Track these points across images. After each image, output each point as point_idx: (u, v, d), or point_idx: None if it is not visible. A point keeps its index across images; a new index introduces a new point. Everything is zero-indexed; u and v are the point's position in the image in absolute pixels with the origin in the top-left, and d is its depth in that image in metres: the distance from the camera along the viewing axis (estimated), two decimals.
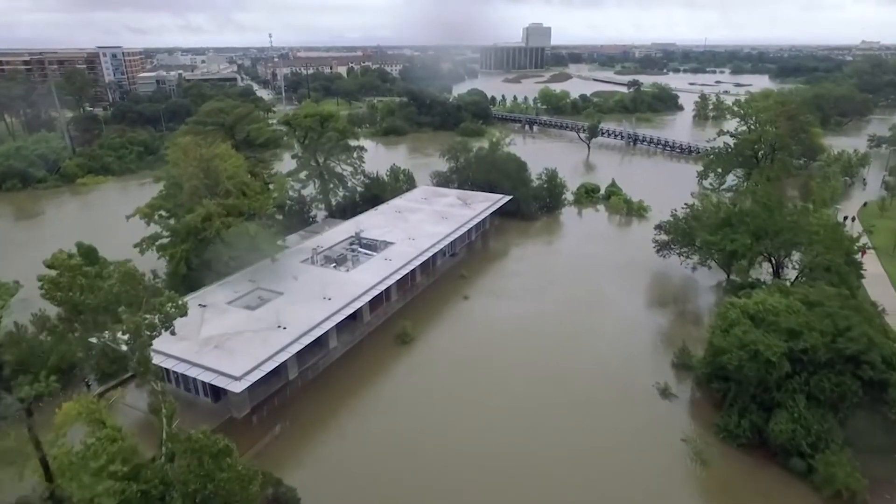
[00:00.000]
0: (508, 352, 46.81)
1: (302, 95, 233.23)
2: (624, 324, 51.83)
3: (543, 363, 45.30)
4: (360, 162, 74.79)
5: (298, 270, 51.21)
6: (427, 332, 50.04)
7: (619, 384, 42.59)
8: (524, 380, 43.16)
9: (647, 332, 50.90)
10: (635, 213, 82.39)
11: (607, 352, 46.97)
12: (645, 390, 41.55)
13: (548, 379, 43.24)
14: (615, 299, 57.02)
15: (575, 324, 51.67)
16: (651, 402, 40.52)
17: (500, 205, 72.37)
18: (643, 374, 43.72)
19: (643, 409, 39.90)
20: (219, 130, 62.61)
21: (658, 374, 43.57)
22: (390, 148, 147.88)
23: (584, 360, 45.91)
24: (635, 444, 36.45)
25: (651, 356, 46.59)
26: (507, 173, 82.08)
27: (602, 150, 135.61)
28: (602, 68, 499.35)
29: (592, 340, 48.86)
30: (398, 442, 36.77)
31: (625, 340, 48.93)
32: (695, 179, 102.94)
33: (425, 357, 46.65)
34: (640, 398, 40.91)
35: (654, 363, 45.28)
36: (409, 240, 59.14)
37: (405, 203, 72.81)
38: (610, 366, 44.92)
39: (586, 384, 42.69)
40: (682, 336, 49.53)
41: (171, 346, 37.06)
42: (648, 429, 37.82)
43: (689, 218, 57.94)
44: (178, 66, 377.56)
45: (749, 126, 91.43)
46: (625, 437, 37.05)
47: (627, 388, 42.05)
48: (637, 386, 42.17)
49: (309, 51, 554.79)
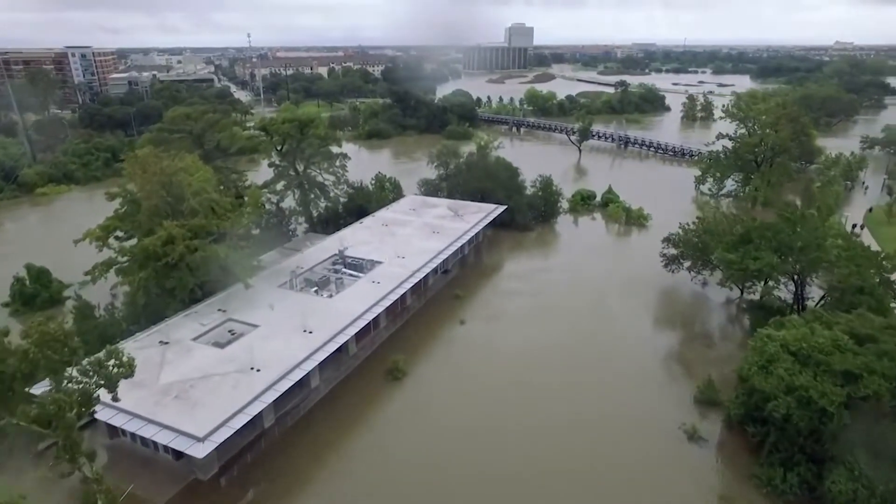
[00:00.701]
0: (512, 389, 41.75)
1: (281, 97, 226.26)
2: (636, 351, 47.19)
3: (553, 403, 40.37)
4: (343, 171, 69.25)
5: (275, 297, 45.66)
6: (420, 366, 44.82)
7: (639, 426, 37.86)
8: (531, 424, 38.17)
9: (662, 359, 46.36)
10: (635, 221, 78.08)
11: (622, 386, 42.23)
12: (669, 433, 36.85)
13: (559, 422, 38.30)
14: (623, 321, 52.43)
15: (582, 353, 46.87)
16: (678, 447, 35.82)
17: (494, 216, 67.44)
18: (664, 412, 39.09)
19: (671, 456, 35.17)
20: (186, 139, 56.64)
21: (681, 411, 38.98)
22: (374, 152, 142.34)
23: (597, 396, 41.09)
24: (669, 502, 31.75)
25: (670, 389, 41.99)
26: (500, 181, 77.29)
27: (593, 153, 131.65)
28: (585, 68, 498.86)
29: (604, 372, 44.09)
30: (394, 500, 31.62)
31: (639, 371, 44.29)
32: (692, 184, 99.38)
33: (420, 396, 41.40)
34: (665, 443, 36.19)
35: (675, 399, 40.67)
36: (398, 258, 53.90)
37: (392, 215, 67.51)
38: (627, 403, 40.19)
39: (603, 427, 37.87)
40: (698, 362, 45.37)
41: (124, 396, 31.39)
42: (680, 481, 33.09)
43: (701, 232, 53.54)
44: (153, 66, 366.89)
45: (749, 129, 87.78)
46: (655, 494, 32.28)
47: (649, 431, 37.32)
48: (660, 428, 37.47)
49: (289, 51, 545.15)
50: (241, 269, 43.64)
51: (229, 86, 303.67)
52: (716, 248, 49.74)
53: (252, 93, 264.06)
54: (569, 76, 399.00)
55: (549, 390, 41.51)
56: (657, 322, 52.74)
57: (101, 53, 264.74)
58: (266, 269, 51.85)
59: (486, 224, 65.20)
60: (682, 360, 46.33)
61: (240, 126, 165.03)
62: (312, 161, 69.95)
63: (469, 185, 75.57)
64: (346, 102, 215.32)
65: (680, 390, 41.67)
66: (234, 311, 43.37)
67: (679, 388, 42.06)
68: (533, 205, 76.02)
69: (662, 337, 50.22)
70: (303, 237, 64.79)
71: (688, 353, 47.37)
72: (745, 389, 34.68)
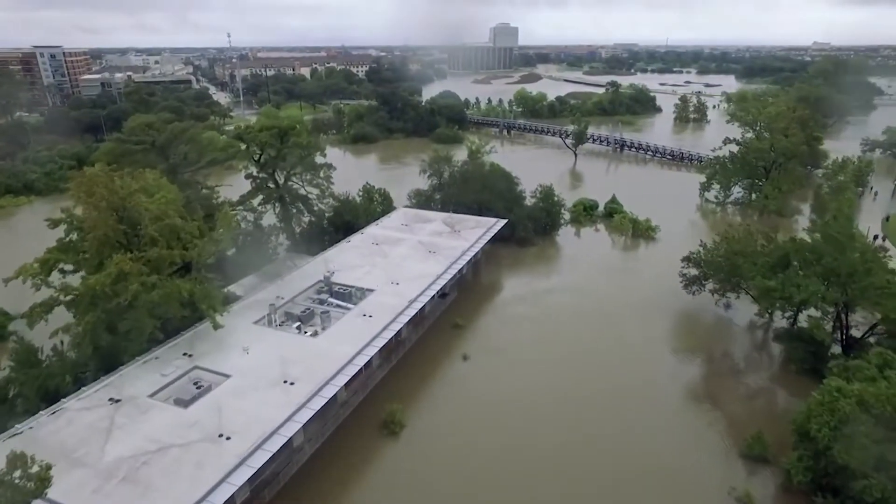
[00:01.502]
0: (522, 445, 35.91)
1: (262, 99, 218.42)
2: (662, 391, 41.73)
3: (571, 463, 34.66)
4: (328, 183, 62.96)
5: (251, 336, 39.38)
6: (420, 414, 38.82)
7: (679, 490, 32.29)
8: (552, 485, 32.46)
9: (693, 400, 40.95)
10: (643, 234, 72.82)
11: (650, 438, 36.63)
12: (716, 498, 31.40)
13: (579, 489, 32.62)
14: (643, 353, 46.93)
15: (601, 395, 41.20)
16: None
17: (494, 231, 61.63)
18: (706, 470, 33.65)
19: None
20: (148, 151, 49.94)
21: (725, 468, 33.60)
22: (360, 157, 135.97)
23: (623, 452, 35.41)
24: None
25: (708, 440, 36.53)
26: (498, 191, 71.64)
27: (588, 157, 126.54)
28: (570, 68, 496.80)
29: (628, 420, 38.45)
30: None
31: (669, 416, 38.82)
32: (694, 190, 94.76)
33: (419, 455, 35.40)
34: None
35: (716, 452, 35.24)
36: (391, 284, 47.86)
37: (383, 232, 61.36)
38: (659, 460, 34.58)
39: (634, 491, 32.25)
40: (735, 402, 40.20)
41: (59, 478, 24.97)
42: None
43: (729, 252, 48.26)
44: (129, 67, 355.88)
45: (757, 133, 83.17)
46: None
47: (692, 497, 31.82)
48: (703, 491, 32.00)
49: (271, 51, 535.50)
50: (209, 307, 37.26)
51: (208, 87, 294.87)
52: (747, 270, 44.49)
53: (232, 94, 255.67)
54: (555, 77, 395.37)
55: (566, 447, 35.72)
56: (681, 353, 47.29)
57: (72, 53, 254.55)
58: (241, 299, 45.50)
59: (486, 241, 59.29)
60: (715, 399, 40.89)
61: (216, 130, 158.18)
62: (294, 172, 63.60)
63: (465, 197, 69.65)
64: (330, 104, 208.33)
65: (720, 441, 36.25)
66: (201, 357, 36.99)
67: (718, 437, 36.63)
68: (534, 217, 70.37)
69: (689, 372, 44.80)
70: (284, 258, 58.35)
71: (721, 391, 42.00)
72: (809, 451, 29.33)
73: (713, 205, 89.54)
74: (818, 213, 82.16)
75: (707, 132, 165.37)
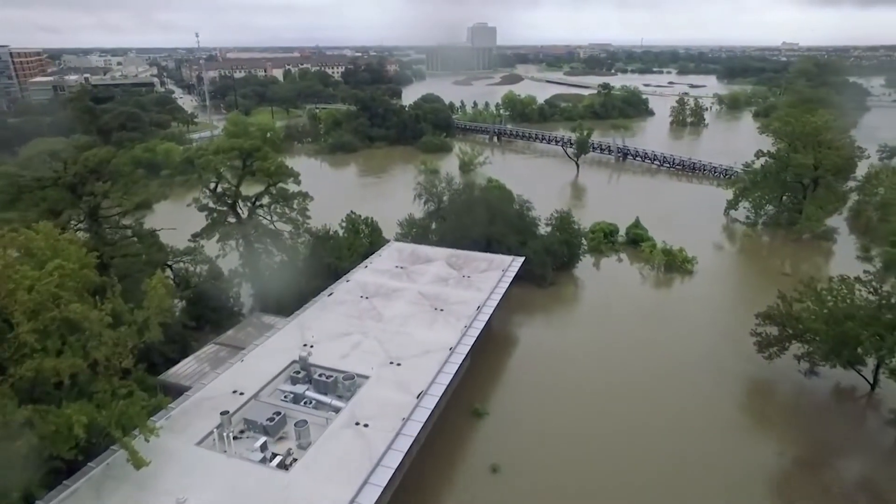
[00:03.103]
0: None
1: (231, 103, 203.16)
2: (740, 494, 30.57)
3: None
4: (303, 216, 50.52)
5: (191, 473, 26.85)
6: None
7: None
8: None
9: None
10: (678, 267, 61.89)
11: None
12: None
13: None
14: (720, 451, 35.41)
15: None
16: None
17: (511, 276, 49.82)
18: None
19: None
20: (53, 192, 36.61)
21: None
22: (339, 168, 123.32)
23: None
24: None
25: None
26: (507, 218, 60.08)
27: (589, 168, 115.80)
28: (550, 69, 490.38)
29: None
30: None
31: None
32: (714, 205, 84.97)
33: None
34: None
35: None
36: (390, 365, 35.73)
37: (373, 278, 48.99)
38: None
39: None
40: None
41: None
42: None
43: (834, 313, 37.26)
44: (88, 68, 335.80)
45: (795, 146, 72.93)
46: None
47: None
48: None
49: (242, 51, 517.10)
50: (125, 435, 24.71)
51: (173, 91, 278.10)
52: (872, 343, 33.57)
53: (199, 98, 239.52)
54: (537, 77, 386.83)
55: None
56: (759, 443, 36.12)
57: (22, 53, 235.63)
58: (186, 395, 32.84)
59: (504, 290, 47.39)
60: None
61: (180, 138, 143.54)
62: (260, 204, 51.01)
63: (467, 226, 57.61)
64: (305, 108, 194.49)
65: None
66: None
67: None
68: (552, 250, 58.86)
69: (773, 466, 33.79)
70: (248, 320, 45.57)
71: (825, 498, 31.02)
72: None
73: (740, 224, 79.35)
74: (864, 235, 72.66)
75: (708, 137, 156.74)
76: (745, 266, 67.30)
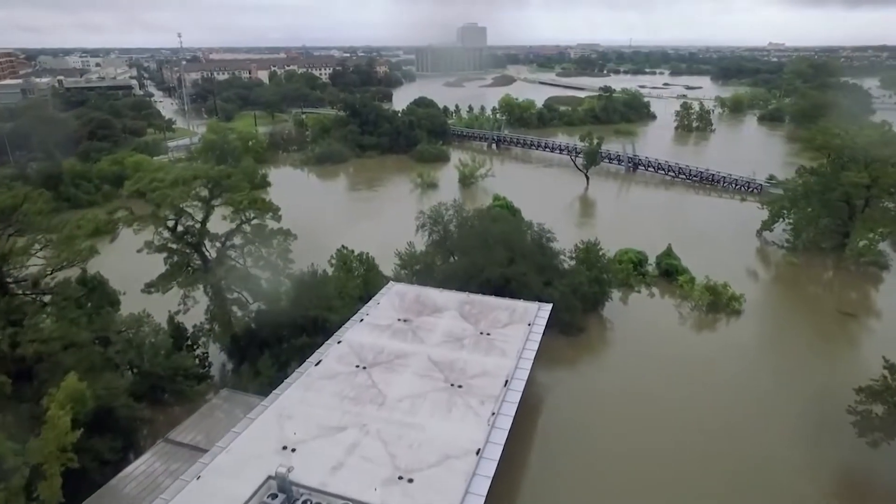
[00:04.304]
0: None
1: (212, 108, 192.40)
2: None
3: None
4: (284, 261, 41.29)
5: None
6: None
7: None
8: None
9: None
10: (723, 306, 53.34)
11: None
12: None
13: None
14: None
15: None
16: None
17: (541, 332, 40.92)
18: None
19: None
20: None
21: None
22: (326, 180, 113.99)
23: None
24: None
25: None
26: (526, 252, 51.16)
27: (598, 178, 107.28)
28: (541, 70, 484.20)
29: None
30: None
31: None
32: (741, 223, 77.16)
33: None
34: None
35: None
36: (399, 481, 26.70)
37: (372, 338, 39.74)
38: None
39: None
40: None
41: None
42: None
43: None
44: (64, 70, 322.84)
45: (843, 162, 64.83)
46: None
47: None
48: None
49: (227, 52, 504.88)
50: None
51: (153, 94, 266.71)
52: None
53: (181, 101, 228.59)
54: (529, 79, 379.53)
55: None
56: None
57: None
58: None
59: (535, 350, 38.46)
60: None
61: (159, 147, 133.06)
62: (231, 245, 41.69)
63: (489, 271, 48.14)
64: (290, 113, 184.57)
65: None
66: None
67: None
68: (580, 291, 50.05)
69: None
70: (214, 402, 36.09)
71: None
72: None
73: (776, 247, 71.23)
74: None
75: (717, 144, 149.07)
76: (796, 302, 58.97)
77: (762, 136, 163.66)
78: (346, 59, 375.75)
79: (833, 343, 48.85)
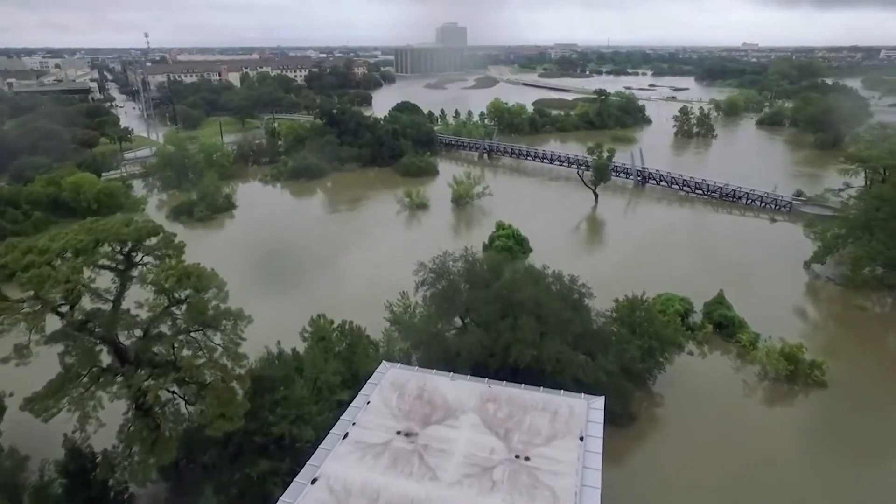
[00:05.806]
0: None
1: (178, 114, 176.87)
2: None
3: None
4: (234, 361, 28.94)
5: None
6: None
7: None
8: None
9: None
10: (802, 376, 42.39)
11: None
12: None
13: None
14: None
15: None
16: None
17: (599, 445, 29.30)
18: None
19: None
20: None
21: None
22: (300, 198, 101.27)
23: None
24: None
25: None
26: (560, 321, 39.10)
27: (604, 194, 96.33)
28: (523, 70, 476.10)
29: None
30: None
31: None
32: (784, 252, 67.21)
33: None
34: None
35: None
36: None
37: (360, 472, 27.56)
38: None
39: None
40: None
41: None
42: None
43: None
44: (19, 72, 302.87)
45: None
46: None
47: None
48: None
49: (199, 52, 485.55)
50: None
51: (114, 97, 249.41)
52: None
53: (144, 106, 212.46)
54: (513, 80, 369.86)
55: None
56: None
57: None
58: None
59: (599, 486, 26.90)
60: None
61: (111, 160, 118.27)
62: (157, 334, 29.19)
63: (514, 350, 36.34)
64: (262, 119, 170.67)
65: None
66: None
67: None
68: (629, 368, 38.64)
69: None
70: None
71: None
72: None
73: (830, 282, 61.05)
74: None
75: (722, 152, 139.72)
76: (882, 365, 47.90)
77: (765, 142, 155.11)
78: (322, 60, 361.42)
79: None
